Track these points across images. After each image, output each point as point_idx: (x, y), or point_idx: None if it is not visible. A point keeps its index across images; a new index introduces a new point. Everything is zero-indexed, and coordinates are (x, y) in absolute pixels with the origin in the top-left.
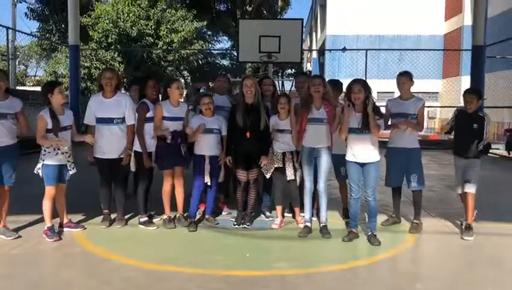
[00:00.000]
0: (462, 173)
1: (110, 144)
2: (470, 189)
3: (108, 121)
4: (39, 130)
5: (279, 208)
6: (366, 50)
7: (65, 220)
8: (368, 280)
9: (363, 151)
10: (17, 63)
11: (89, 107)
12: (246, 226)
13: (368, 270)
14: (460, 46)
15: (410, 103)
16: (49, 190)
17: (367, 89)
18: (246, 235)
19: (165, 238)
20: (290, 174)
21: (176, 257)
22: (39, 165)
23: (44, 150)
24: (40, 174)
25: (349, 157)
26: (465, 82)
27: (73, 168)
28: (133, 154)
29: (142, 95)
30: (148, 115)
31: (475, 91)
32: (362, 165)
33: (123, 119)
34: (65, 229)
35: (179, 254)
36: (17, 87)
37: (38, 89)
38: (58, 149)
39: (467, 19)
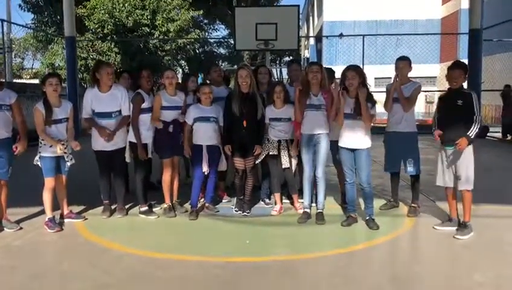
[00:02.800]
0: (450, 163)
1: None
2: (464, 186)
3: (107, 115)
4: (37, 123)
5: (277, 195)
6: (363, 36)
7: (66, 211)
8: (366, 264)
9: (354, 137)
10: (13, 56)
11: (86, 101)
12: (245, 213)
13: (367, 254)
14: (458, 30)
15: (406, 88)
16: (48, 182)
17: (361, 75)
18: (245, 222)
19: (166, 227)
20: (285, 162)
21: (177, 245)
22: (37, 157)
23: (40, 142)
24: (40, 165)
25: (341, 143)
26: None
27: (70, 159)
28: (127, 145)
29: (136, 86)
30: (143, 105)
31: (461, 65)
32: (353, 150)
33: (120, 112)
34: (66, 220)
35: (180, 242)
36: (14, 80)
37: (36, 81)
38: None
39: (464, 2)
